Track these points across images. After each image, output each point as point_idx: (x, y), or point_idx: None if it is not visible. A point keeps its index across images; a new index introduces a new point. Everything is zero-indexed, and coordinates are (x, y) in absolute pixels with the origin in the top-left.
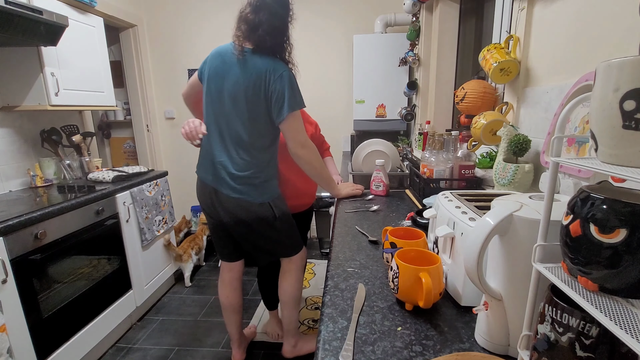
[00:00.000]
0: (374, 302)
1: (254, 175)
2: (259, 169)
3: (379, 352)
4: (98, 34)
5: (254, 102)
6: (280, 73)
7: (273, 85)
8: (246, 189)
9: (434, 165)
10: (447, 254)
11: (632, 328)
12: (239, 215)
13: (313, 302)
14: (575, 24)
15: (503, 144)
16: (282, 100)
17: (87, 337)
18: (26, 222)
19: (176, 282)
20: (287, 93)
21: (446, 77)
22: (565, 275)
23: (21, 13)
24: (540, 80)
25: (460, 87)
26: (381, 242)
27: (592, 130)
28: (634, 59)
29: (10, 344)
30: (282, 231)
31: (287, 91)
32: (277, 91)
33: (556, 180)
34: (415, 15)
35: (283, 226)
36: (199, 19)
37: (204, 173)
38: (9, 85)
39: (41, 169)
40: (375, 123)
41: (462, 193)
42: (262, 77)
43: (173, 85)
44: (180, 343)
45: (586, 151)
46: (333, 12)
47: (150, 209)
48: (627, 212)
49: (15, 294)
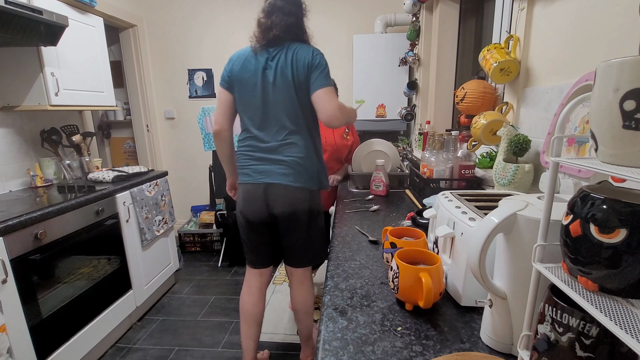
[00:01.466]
0: (374, 302)
1: (305, 159)
2: (307, 154)
3: (379, 352)
4: (98, 34)
5: (298, 82)
6: (320, 52)
7: (315, 60)
8: (299, 174)
9: (434, 165)
10: (447, 254)
11: (632, 328)
12: (292, 203)
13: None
14: (575, 24)
15: (503, 144)
16: (323, 73)
17: (87, 337)
18: (26, 222)
19: (176, 282)
20: (327, 69)
21: (446, 77)
22: (565, 275)
23: (21, 13)
24: (540, 80)
25: (460, 87)
26: (381, 242)
27: (592, 130)
28: (634, 59)
29: (10, 344)
30: (320, 228)
31: (327, 68)
32: (321, 65)
33: (556, 180)
34: (415, 15)
35: (320, 223)
36: (199, 18)
37: (250, 177)
38: (9, 85)
39: (41, 169)
40: (375, 123)
41: (462, 193)
42: (304, 60)
43: (173, 85)
44: (180, 343)
45: (586, 151)
46: (333, 12)
47: (150, 209)
48: (627, 212)
49: (15, 294)
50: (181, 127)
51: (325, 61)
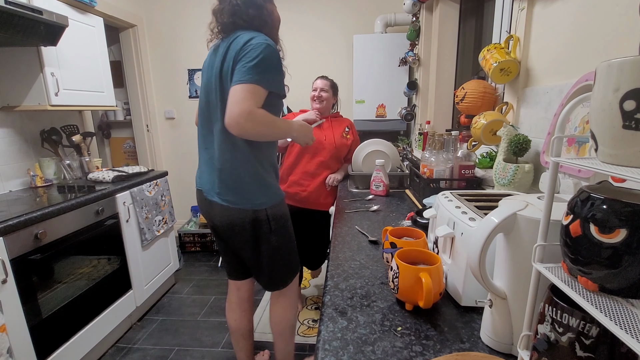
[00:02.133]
0: (374, 302)
1: (238, 171)
2: (242, 165)
3: (379, 352)
4: (98, 34)
5: (227, 79)
6: (262, 42)
7: (246, 49)
8: (235, 192)
9: (434, 165)
10: (447, 254)
11: (632, 328)
12: (229, 225)
13: (313, 302)
14: (575, 24)
15: (503, 144)
16: (247, 66)
17: (87, 337)
18: (26, 222)
19: (176, 282)
20: (257, 61)
21: (446, 77)
22: (565, 275)
23: (21, 13)
24: (540, 80)
25: (460, 87)
26: (381, 242)
27: (592, 130)
28: (634, 59)
29: (10, 344)
30: (279, 248)
31: (258, 61)
32: (250, 56)
33: (556, 180)
34: (415, 15)
35: (278, 242)
36: (199, 18)
37: (198, 178)
38: (9, 85)
39: (41, 169)
40: (375, 123)
41: (462, 193)
42: (236, 48)
43: (173, 85)
44: (180, 343)
45: (586, 151)
46: (333, 12)
47: (150, 209)
48: (627, 212)
49: (15, 294)
50: (181, 127)
51: (262, 53)
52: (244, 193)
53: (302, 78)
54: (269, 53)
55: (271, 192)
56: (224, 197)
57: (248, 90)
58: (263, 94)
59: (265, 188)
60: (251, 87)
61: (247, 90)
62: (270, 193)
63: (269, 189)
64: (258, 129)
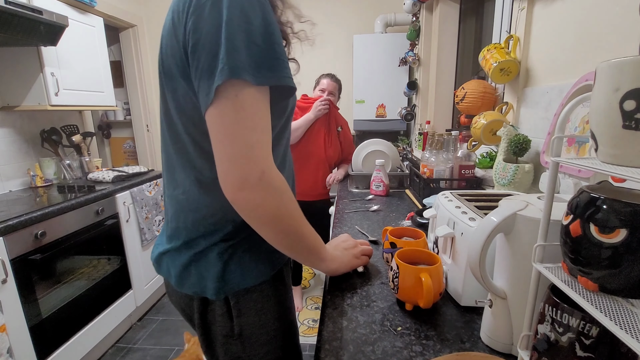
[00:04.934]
0: (374, 302)
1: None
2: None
3: (379, 352)
4: (98, 34)
5: (169, 77)
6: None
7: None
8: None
9: (434, 165)
10: (447, 254)
11: (632, 328)
12: (182, 309)
13: (313, 302)
14: (575, 24)
15: (503, 144)
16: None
17: (87, 337)
18: (26, 222)
19: None
20: (221, 36)
21: (446, 77)
22: (565, 275)
23: (21, 13)
24: (540, 80)
25: (460, 87)
26: (381, 242)
27: (592, 130)
28: (634, 59)
29: (10, 344)
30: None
31: (222, 32)
32: (197, 38)
33: (556, 180)
34: (415, 15)
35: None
36: None
37: None
38: (9, 85)
39: (41, 169)
40: (375, 123)
41: (462, 193)
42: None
43: None
44: (180, 343)
45: (586, 151)
46: (333, 12)
47: (150, 209)
48: (627, 212)
49: (15, 294)
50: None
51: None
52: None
53: (301, 78)
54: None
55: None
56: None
57: (233, 105)
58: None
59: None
60: (233, 90)
61: (234, 108)
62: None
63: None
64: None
